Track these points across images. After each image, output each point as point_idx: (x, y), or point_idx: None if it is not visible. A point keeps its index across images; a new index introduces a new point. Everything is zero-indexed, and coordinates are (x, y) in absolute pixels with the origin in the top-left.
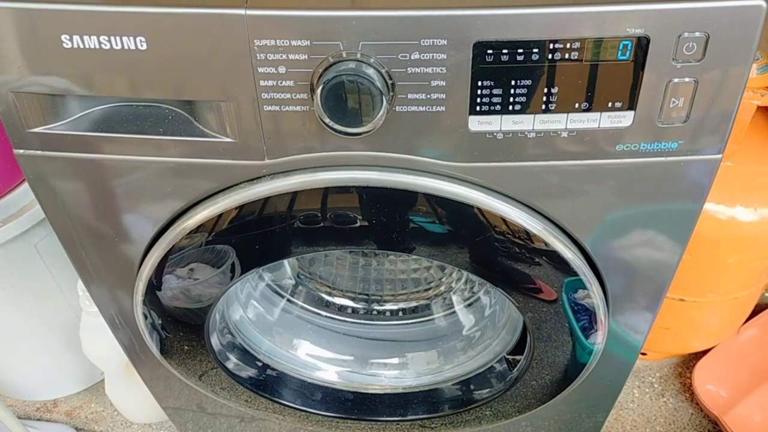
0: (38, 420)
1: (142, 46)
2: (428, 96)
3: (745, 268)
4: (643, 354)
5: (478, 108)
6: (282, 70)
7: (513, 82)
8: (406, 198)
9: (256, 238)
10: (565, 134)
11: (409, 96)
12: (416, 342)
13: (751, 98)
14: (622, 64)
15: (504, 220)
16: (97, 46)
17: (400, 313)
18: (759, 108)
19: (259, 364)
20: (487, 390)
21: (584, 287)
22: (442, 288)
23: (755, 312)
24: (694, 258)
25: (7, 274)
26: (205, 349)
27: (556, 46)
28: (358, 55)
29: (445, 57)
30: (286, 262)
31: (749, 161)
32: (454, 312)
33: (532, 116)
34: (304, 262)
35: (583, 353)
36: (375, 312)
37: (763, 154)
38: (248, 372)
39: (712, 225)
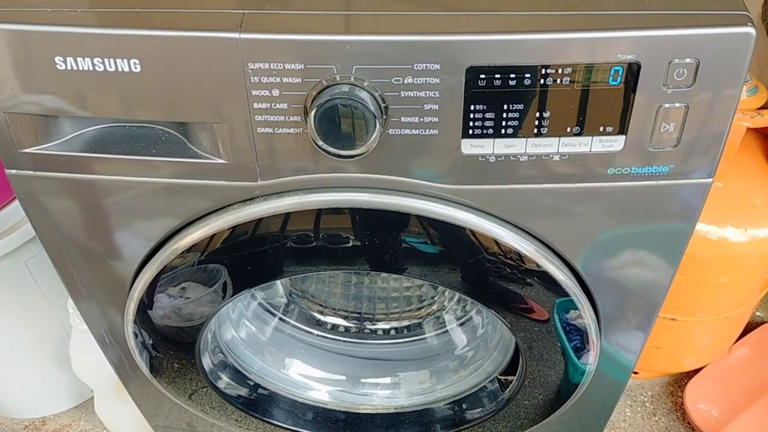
0: None
1: (135, 68)
2: (421, 119)
3: (736, 288)
4: (635, 373)
5: (470, 131)
6: (276, 93)
7: (505, 106)
8: (399, 219)
9: (249, 258)
10: (557, 158)
11: (403, 119)
12: (408, 361)
13: (741, 120)
14: (613, 90)
15: (496, 242)
16: (91, 68)
17: (393, 332)
18: (749, 129)
19: (251, 383)
20: (479, 410)
21: (576, 308)
22: (435, 307)
23: (746, 331)
24: (685, 278)
25: None
26: (196, 368)
27: (548, 71)
28: (352, 79)
29: (438, 81)
30: (278, 280)
31: (740, 182)
32: (447, 331)
33: (524, 140)
34: (296, 280)
35: (575, 373)
36: (367, 331)
37: (754, 175)
38: (239, 391)
39: (702, 245)
